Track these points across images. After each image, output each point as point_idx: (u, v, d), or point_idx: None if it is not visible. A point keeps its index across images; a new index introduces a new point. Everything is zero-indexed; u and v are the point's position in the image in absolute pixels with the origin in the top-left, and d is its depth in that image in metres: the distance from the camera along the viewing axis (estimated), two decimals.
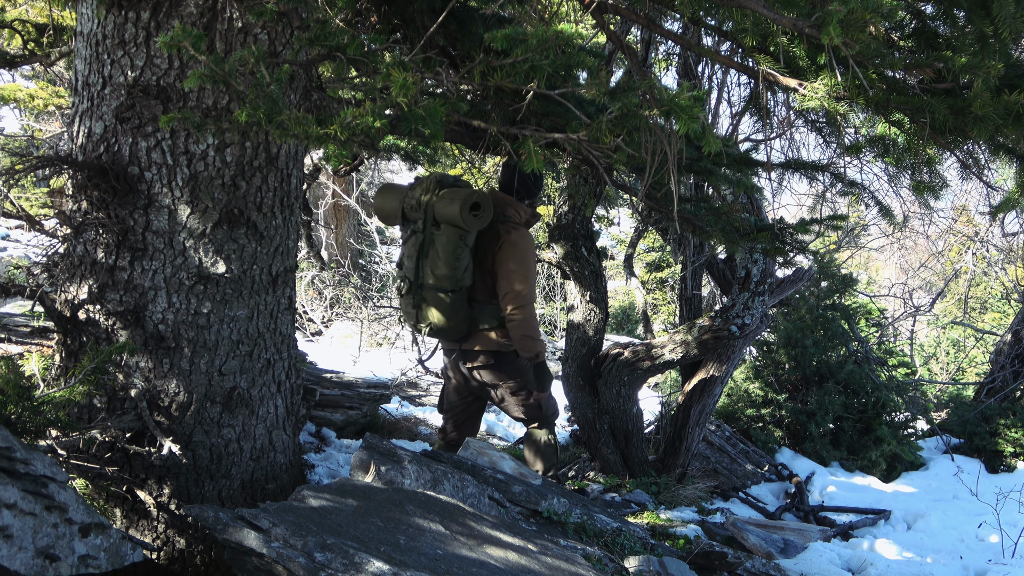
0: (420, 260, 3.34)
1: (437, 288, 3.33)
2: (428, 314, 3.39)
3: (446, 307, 3.35)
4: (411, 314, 3.47)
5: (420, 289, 3.38)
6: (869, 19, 1.55)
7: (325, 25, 1.79)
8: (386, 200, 3.49)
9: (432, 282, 3.32)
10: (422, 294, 3.38)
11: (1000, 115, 1.71)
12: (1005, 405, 6.49)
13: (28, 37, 3.50)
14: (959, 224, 11.91)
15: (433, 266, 3.29)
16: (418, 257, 3.34)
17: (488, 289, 3.43)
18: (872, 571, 3.33)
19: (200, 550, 2.49)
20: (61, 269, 2.45)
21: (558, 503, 3.05)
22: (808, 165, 3.11)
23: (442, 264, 3.27)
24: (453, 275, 3.28)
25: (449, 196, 3.21)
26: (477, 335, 3.47)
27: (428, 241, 3.30)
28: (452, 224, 3.20)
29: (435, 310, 3.37)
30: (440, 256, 3.26)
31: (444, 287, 3.32)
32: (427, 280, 3.34)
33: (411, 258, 3.38)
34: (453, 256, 3.25)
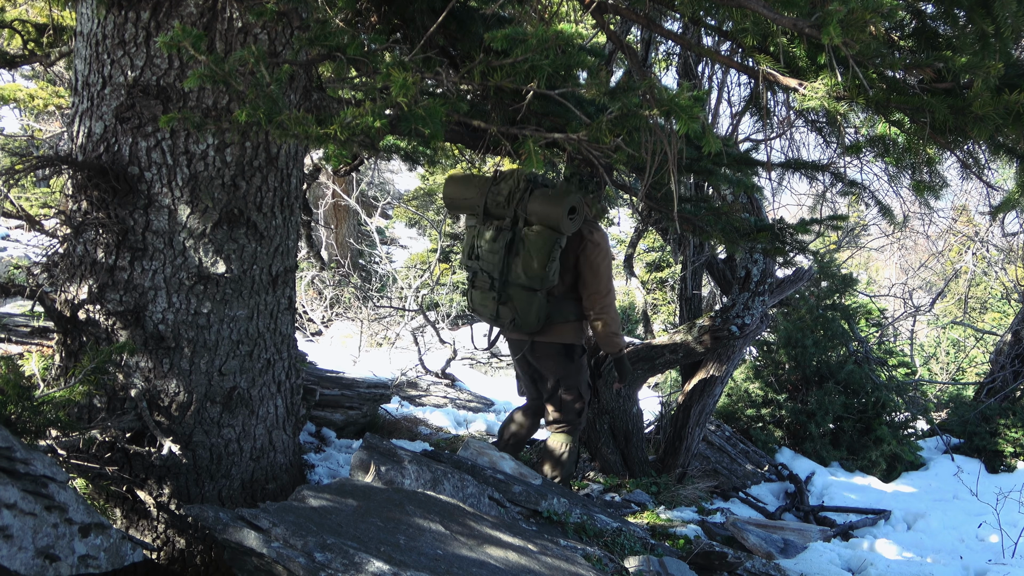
0: (508, 258, 3.40)
1: (524, 286, 3.41)
2: (511, 309, 3.47)
3: (531, 305, 3.43)
4: (488, 307, 3.54)
5: (505, 286, 3.45)
6: (869, 19, 1.55)
7: (325, 25, 1.79)
8: (465, 190, 3.53)
9: (521, 280, 3.39)
10: (507, 291, 3.46)
11: (1000, 115, 1.71)
12: (1005, 405, 6.49)
13: (28, 37, 3.50)
14: (959, 224, 11.91)
15: (525, 265, 3.35)
16: (505, 254, 3.40)
17: (566, 285, 3.51)
18: (872, 571, 3.33)
19: (200, 550, 2.49)
20: (61, 269, 2.45)
21: (558, 503, 3.05)
22: (808, 165, 3.11)
23: (535, 264, 3.33)
24: (544, 275, 3.35)
25: (546, 197, 3.25)
26: (552, 328, 3.55)
27: (519, 240, 3.36)
28: (550, 227, 3.26)
29: (519, 306, 3.45)
30: (533, 256, 3.32)
31: (533, 286, 3.39)
32: (515, 279, 3.41)
33: (495, 253, 3.43)
34: (548, 257, 3.32)
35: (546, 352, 3.59)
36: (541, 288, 3.39)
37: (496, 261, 3.41)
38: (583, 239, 3.43)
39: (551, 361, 3.60)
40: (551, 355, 3.59)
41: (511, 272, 3.40)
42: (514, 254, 3.37)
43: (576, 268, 3.46)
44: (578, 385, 3.66)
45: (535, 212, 3.26)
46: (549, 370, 3.64)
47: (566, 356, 3.59)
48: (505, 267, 3.40)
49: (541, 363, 3.64)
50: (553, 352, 3.58)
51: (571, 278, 3.49)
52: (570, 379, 3.64)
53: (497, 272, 3.42)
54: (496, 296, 3.47)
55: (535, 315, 3.44)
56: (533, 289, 3.39)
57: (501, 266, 3.40)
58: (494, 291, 3.47)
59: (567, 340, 3.56)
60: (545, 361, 3.62)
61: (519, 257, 3.35)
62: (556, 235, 3.27)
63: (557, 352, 3.58)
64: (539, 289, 3.40)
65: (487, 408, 7.15)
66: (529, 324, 3.47)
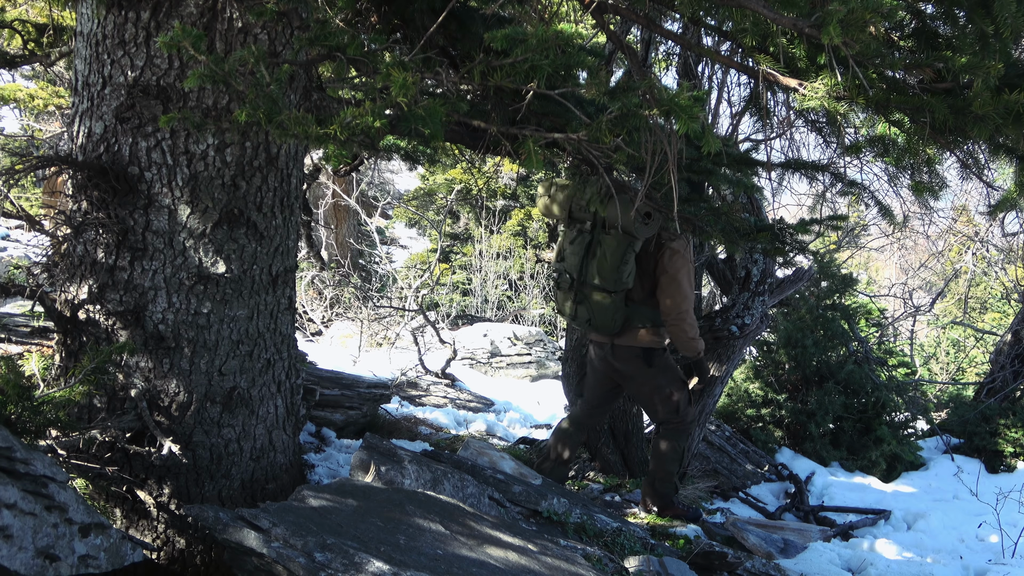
0: (586, 260, 3.50)
1: (600, 288, 3.48)
2: (587, 310, 3.55)
3: (606, 306, 3.51)
4: (568, 308, 3.63)
5: (582, 287, 3.54)
6: (869, 19, 1.55)
7: (325, 25, 1.79)
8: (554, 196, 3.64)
9: (596, 282, 3.47)
10: (584, 292, 3.54)
11: (1000, 115, 1.71)
12: (1005, 405, 6.49)
13: (28, 37, 3.50)
14: (959, 224, 11.91)
15: (600, 268, 3.43)
16: (584, 256, 3.50)
17: (645, 290, 3.57)
18: (872, 571, 3.33)
19: (200, 550, 2.49)
20: (61, 269, 2.45)
21: (558, 503, 3.05)
22: (808, 165, 3.10)
23: (609, 267, 3.41)
24: (618, 278, 3.43)
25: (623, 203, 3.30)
26: (631, 332, 3.60)
27: (596, 243, 3.46)
28: (624, 231, 3.34)
29: (594, 307, 3.53)
30: (608, 259, 3.41)
31: (607, 288, 3.46)
32: (591, 279, 3.49)
33: (576, 255, 3.53)
34: (621, 260, 3.40)
35: (627, 356, 3.65)
36: (615, 290, 3.47)
37: (576, 262, 3.52)
38: (663, 245, 3.51)
39: (631, 364, 3.66)
40: (631, 359, 3.65)
41: (587, 273, 3.50)
42: (591, 256, 3.47)
43: (655, 273, 3.54)
44: (666, 386, 3.69)
45: (611, 217, 3.34)
46: (629, 372, 3.69)
47: (645, 361, 3.64)
48: (583, 268, 3.51)
49: (623, 366, 3.68)
50: (633, 356, 3.64)
51: (651, 283, 3.56)
52: (655, 381, 3.68)
53: (575, 272, 3.53)
54: (574, 296, 3.56)
55: (611, 317, 3.52)
56: (608, 291, 3.48)
57: (579, 267, 3.51)
58: (572, 291, 3.57)
59: (645, 344, 3.61)
60: (627, 365, 3.67)
61: (595, 259, 3.45)
62: (630, 239, 3.36)
63: (636, 356, 3.64)
64: (613, 291, 3.48)
65: (487, 408, 7.15)
66: (605, 325, 3.55)
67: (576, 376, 4.53)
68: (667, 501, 3.80)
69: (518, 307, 14.16)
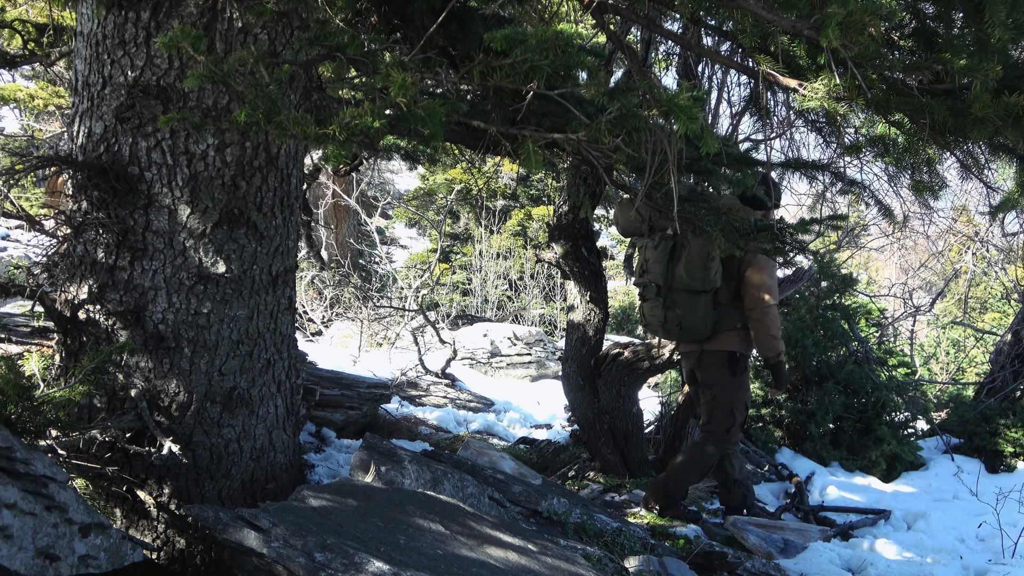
0: (670, 264, 3.53)
1: (688, 289, 3.52)
2: (677, 316, 3.58)
3: (696, 308, 3.54)
4: (657, 316, 3.65)
5: (669, 292, 3.56)
6: (868, 21, 1.55)
7: (325, 25, 1.79)
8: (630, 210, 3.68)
9: (684, 284, 3.51)
10: (672, 297, 3.56)
11: (999, 116, 1.71)
12: (1005, 405, 6.49)
13: (28, 37, 3.50)
14: (959, 224, 11.91)
15: (687, 268, 3.47)
16: (668, 262, 3.53)
17: (731, 293, 3.62)
18: (872, 571, 3.33)
19: (200, 550, 2.49)
20: (61, 269, 2.45)
21: (558, 503, 3.05)
22: (808, 165, 3.11)
23: (697, 266, 3.45)
24: (706, 276, 3.46)
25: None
26: (719, 336, 3.64)
27: (680, 245, 3.49)
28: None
29: (685, 311, 3.56)
30: (695, 258, 3.44)
31: (696, 288, 3.50)
32: (678, 283, 3.52)
33: (659, 263, 3.57)
34: (708, 257, 3.44)
35: (712, 360, 3.67)
36: (704, 289, 3.50)
37: (661, 269, 3.55)
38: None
39: (714, 371, 3.69)
40: (716, 364, 3.67)
41: (674, 277, 3.52)
42: (675, 260, 3.50)
43: (740, 272, 3.58)
44: (733, 401, 3.69)
45: None
46: (710, 379, 3.71)
47: (729, 367, 3.67)
48: (669, 273, 3.53)
49: (708, 374, 3.70)
50: (718, 361, 3.66)
51: (736, 285, 3.60)
52: (727, 393, 3.69)
53: (661, 279, 3.56)
54: (662, 302, 3.58)
55: (700, 319, 3.55)
56: (697, 292, 3.51)
57: (665, 272, 3.54)
58: (660, 298, 3.59)
59: (733, 347, 3.65)
60: (709, 370, 3.69)
61: (681, 261, 3.48)
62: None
63: (721, 362, 3.67)
64: (703, 291, 3.51)
65: (487, 408, 7.15)
66: (696, 329, 3.57)
67: (576, 375, 4.53)
68: (671, 502, 3.81)
69: (518, 307, 14.17)
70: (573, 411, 4.80)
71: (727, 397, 3.68)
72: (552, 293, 14.58)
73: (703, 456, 3.75)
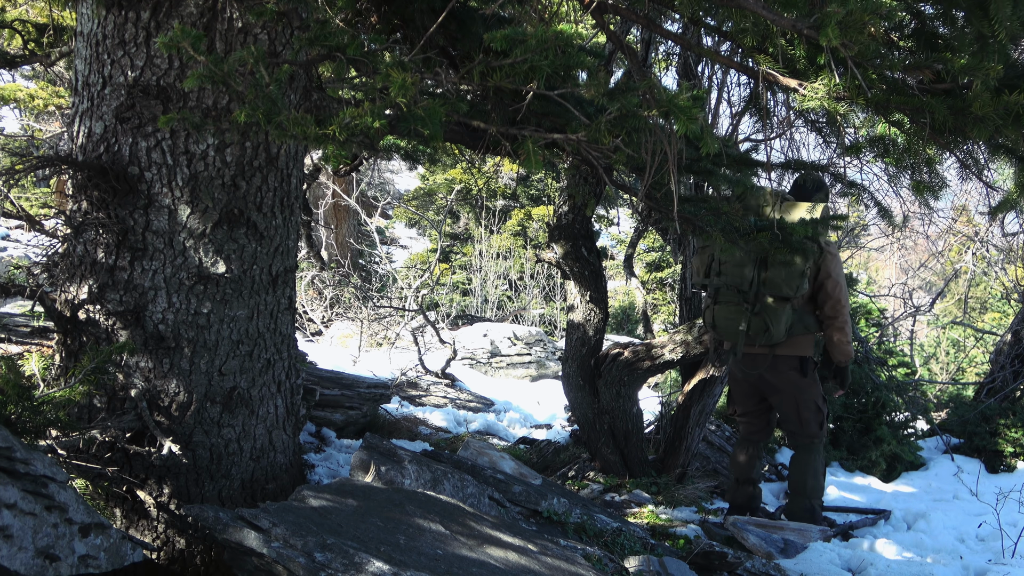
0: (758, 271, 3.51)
1: (778, 297, 3.52)
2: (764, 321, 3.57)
3: (781, 315, 3.56)
4: (735, 321, 3.62)
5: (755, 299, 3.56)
6: (868, 20, 1.55)
7: (325, 25, 1.79)
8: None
9: (776, 290, 3.50)
10: (759, 304, 3.56)
11: (1000, 116, 1.72)
12: (1005, 405, 6.48)
13: (28, 37, 3.50)
14: (959, 224, 11.90)
15: (785, 276, 3.46)
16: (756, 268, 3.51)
17: (804, 297, 3.64)
18: (872, 571, 3.33)
19: (200, 550, 2.49)
20: (61, 269, 2.45)
21: (558, 503, 3.05)
22: (808, 165, 3.11)
23: (792, 274, 3.45)
24: (800, 284, 3.47)
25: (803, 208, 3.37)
26: (792, 340, 3.67)
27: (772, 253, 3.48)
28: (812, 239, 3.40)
29: (771, 318, 3.56)
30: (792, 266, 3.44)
31: (786, 295, 3.50)
32: (770, 288, 3.51)
33: (741, 267, 3.54)
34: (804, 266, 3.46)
35: (785, 366, 3.69)
36: (795, 297, 3.51)
37: (746, 274, 3.52)
38: (822, 249, 3.57)
39: (788, 376, 3.70)
40: (788, 370, 3.69)
41: (765, 285, 3.51)
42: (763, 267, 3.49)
43: (816, 278, 3.61)
44: (815, 398, 3.75)
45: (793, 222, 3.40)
46: (783, 383, 3.73)
47: (801, 371, 3.70)
48: (757, 280, 3.51)
49: (779, 378, 3.71)
50: (791, 367, 3.68)
51: (810, 290, 3.62)
52: (805, 393, 3.73)
53: (747, 285, 3.53)
54: (749, 308, 3.57)
55: (784, 325, 3.57)
56: (785, 299, 3.53)
57: (753, 279, 3.51)
58: (745, 304, 3.57)
59: (804, 352, 3.67)
60: (783, 376, 3.71)
61: (772, 269, 3.47)
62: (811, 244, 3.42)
63: (794, 367, 3.69)
64: (791, 298, 3.53)
65: (487, 408, 7.15)
66: (779, 335, 3.58)
67: (576, 376, 4.53)
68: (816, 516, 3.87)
69: (518, 307, 14.17)
70: (573, 411, 4.80)
71: (809, 395, 3.74)
72: (552, 293, 14.58)
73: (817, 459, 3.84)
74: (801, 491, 3.90)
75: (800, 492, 3.90)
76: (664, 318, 14.16)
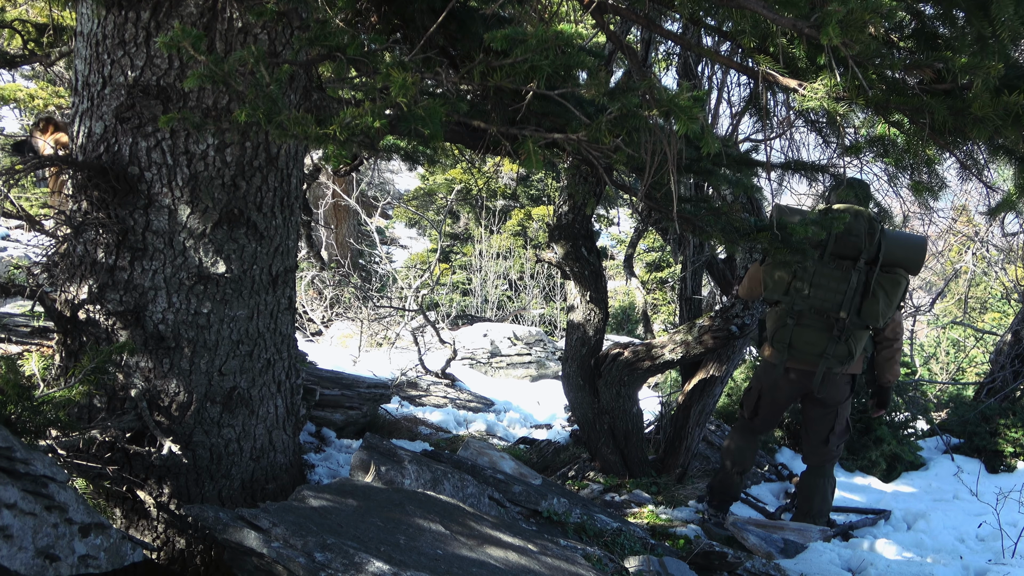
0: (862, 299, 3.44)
1: (865, 326, 3.52)
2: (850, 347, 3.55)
3: (862, 339, 3.57)
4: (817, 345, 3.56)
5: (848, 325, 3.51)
6: (868, 20, 1.55)
7: (325, 25, 1.79)
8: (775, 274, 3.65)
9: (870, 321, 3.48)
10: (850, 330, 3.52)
11: (1000, 116, 1.71)
12: (1005, 405, 6.48)
13: (28, 37, 3.50)
14: (959, 224, 11.90)
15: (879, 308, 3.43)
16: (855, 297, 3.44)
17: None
18: (872, 571, 3.33)
19: (200, 550, 2.49)
20: (61, 269, 2.45)
21: (558, 503, 3.05)
22: (808, 166, 3.11)
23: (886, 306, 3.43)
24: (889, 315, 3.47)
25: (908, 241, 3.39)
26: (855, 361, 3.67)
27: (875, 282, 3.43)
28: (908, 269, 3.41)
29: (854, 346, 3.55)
30: (890, 298, 3.43)
31: (875, 324, 3.49)
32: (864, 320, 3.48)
33: (840, 293, 3.46)
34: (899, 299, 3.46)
35: (841, 382, 3.69)
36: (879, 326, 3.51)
37: (843, 300, 3.45)
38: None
39: (840, 391, 3.70)
40: (842, 385, 3.69)
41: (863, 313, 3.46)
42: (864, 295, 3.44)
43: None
44: (845, 417, 3.80)
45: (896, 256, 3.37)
46: (834, 399, 3.72)
47: (851, 387, 3.73)
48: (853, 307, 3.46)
49: (830, 393, 3.69)
50: (844, 383, 3.69)
51: None
52: (845, 409, 3.77)
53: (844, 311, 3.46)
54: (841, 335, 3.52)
55: (860, 350, 3.59)
56: (867, 327, 3.53)
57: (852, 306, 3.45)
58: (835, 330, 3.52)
59: (858, 371, 3.70)
60: (836, 390, 3.69)
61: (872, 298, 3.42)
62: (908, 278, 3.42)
63: (847, 383, 3.70)
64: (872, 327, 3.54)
65: (487, 408, 7.15)
66: (855, 359, 3.59)
67: (576, 376, 4.53)
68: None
69: (518, 307, 14.17)
70: (573, 411, 4.80)
71: (846, 412, 3.77)
72: (552, 293, 14.58)
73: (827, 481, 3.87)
74: (807, 512, 3.91)
75: (806, 513, 3.92)
76: (664, 318, 14.16)
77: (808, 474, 3.95)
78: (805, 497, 3.93)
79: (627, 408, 4.48)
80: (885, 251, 3.37)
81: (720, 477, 4.03)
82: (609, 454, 4.52)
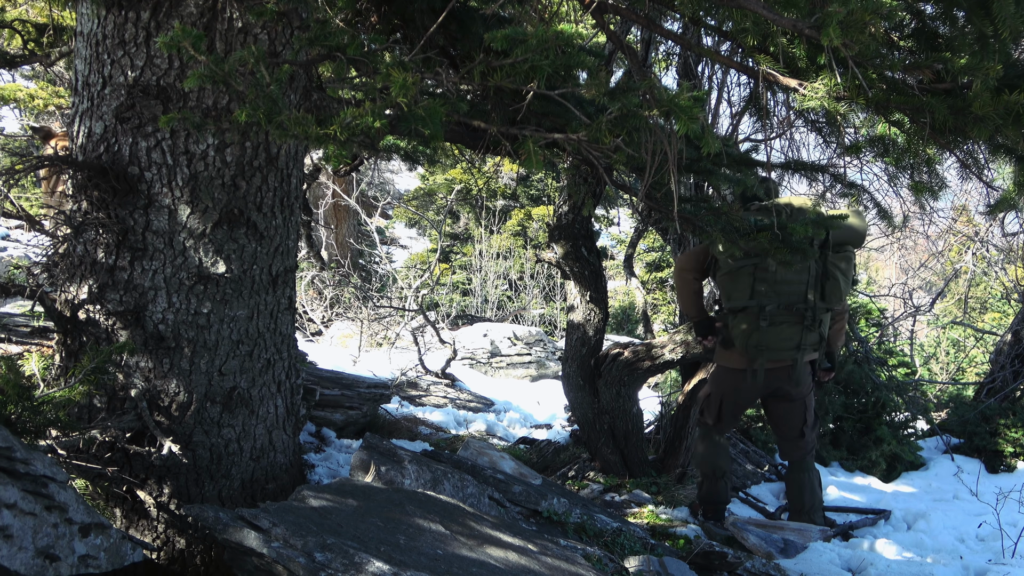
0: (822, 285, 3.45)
1: (827, 308, 3.52)
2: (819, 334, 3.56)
3: (826, 324, 3.57)
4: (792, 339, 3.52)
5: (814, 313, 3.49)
6: (869, 20, 1.55)
7: (325, 25, 1.79)
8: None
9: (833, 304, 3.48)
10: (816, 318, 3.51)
11: (1000, 115, 1.71)
12: (1005, 405, 6.48)
13: (28, 37, 3.50)
14: (959, 224, 11.90)
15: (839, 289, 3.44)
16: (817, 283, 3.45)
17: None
18: (872, 571, 3.33)
19: (200, 550, 2.49)
20: (61, 269, 2.45)
21: (558, 503, 3.05)
22: (808, 166, 3.11)
23: (848, 284, 3.46)
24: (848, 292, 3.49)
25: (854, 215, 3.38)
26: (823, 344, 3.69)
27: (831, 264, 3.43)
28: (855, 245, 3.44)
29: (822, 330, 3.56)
30: (847, 277, 3.45)
31: (839, 304, 3.50)
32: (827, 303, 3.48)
33: (801, 284, 3.46)
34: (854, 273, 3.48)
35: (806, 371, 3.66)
36: (841, 305, 3.52)
37: (802, 291, 3.45)
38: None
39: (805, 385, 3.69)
40: (806, 376, 3.67)
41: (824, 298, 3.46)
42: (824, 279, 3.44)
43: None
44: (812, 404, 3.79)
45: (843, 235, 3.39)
46: (805, 389, 3.71)
47: (813, 373, 3.72)
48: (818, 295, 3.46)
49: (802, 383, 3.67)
50: (806, 373, 3.67)
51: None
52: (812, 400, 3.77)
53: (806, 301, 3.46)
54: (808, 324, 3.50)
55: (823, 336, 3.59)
56: (829, 309, 3.53)
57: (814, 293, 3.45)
58: (803, 320, 3.50)
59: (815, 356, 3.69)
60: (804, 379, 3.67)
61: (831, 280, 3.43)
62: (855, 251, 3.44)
63: (809, 373, 3.69)
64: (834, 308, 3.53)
65: (487, 408, 7.15)
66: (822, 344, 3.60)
67: (576, 375, 4.53)
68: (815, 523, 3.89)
69: (518, 307, 14.17)
70: (573, 411, 4.80)
71: (812, 403, 3.77)
72: (552, 293, 14.58)
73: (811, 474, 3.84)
74: (799, 510, 3.90)
75: (799, 511, 3.90)
76: (664, 318, 14.16)
77: (791, 471, 3.93)
78: (794, 495, 3.91)
79: (627, 408, 4.48)
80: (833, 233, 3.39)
81: (705, 488, 4.00)
82: (609, 454, 4.51)
